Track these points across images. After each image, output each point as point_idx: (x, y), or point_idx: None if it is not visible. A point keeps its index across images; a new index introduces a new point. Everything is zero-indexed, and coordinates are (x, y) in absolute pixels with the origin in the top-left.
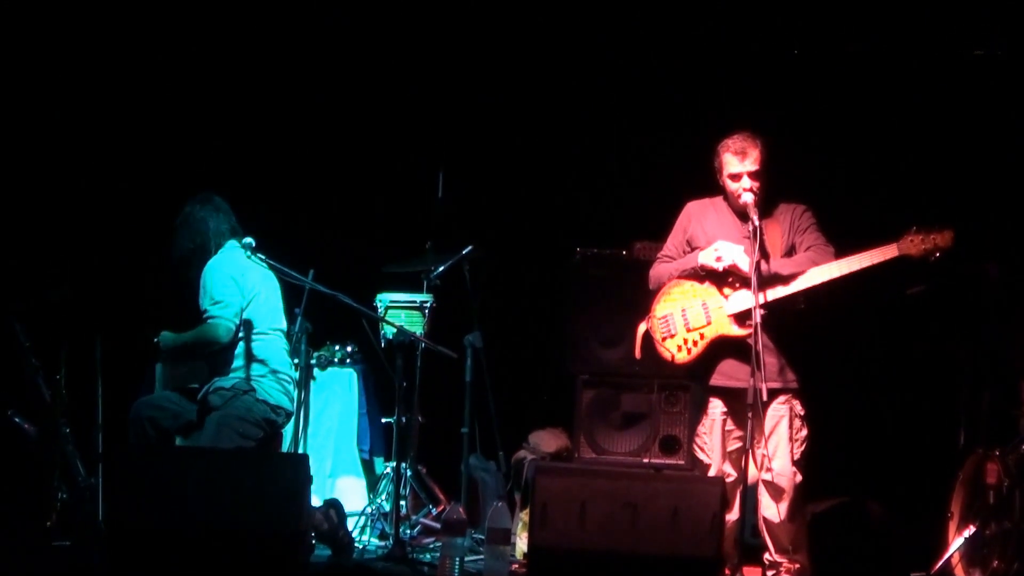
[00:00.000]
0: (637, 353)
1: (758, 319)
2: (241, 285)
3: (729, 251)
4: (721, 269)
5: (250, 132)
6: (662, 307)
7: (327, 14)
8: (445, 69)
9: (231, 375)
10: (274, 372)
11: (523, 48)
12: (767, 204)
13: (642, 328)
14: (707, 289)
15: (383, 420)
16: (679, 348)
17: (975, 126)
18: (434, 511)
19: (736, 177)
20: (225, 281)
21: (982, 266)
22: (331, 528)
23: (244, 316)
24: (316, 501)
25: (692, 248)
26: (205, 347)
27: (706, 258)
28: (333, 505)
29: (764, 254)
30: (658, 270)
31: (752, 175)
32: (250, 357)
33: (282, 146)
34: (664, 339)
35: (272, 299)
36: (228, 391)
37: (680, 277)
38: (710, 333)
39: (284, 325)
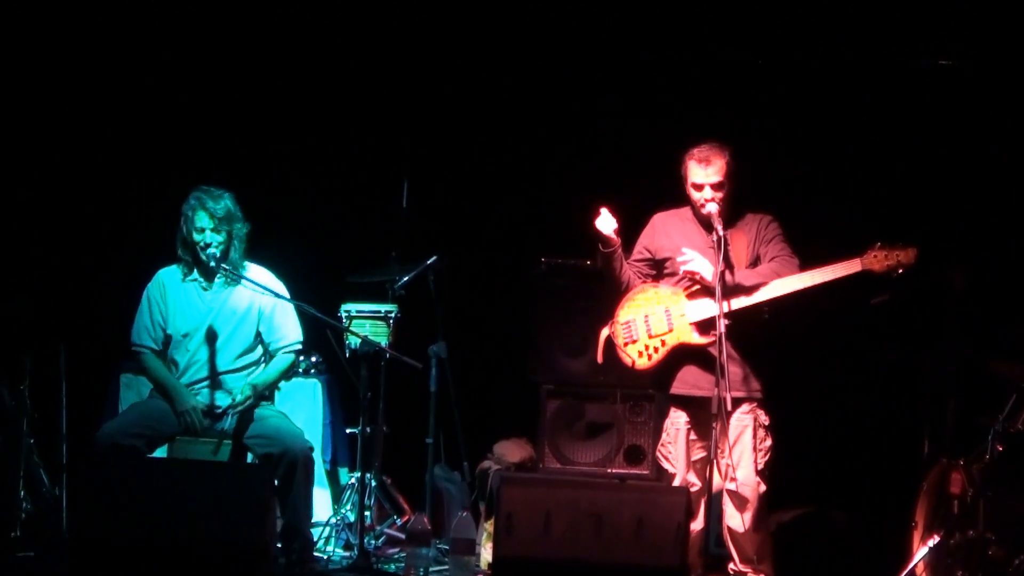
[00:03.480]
0: (599, 357)
1: (722, 329)
2: None
3: (697, 261)
4: (686, 283)
5: (212, 140)
6: (625, 312)
7: (292, 19)
8: (411, 77)
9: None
10: None
11: (490, 57)
12: (734, 214)
13: (605, 333)
14: (671, 296)
15: (348, 430)
16: (640, 354)
17: (942, 136)
18: (399, 521)
19: (699, 187)
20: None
21: (947, 275)
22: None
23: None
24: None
25: (656, 259)
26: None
27: (683, 267)
28: None
29: (728, 264)
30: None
31: (715, 185)
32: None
33: (245, 154)
34: (626, 344)
35: None
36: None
37: (638, 281)
38: (671, 340)
39: None
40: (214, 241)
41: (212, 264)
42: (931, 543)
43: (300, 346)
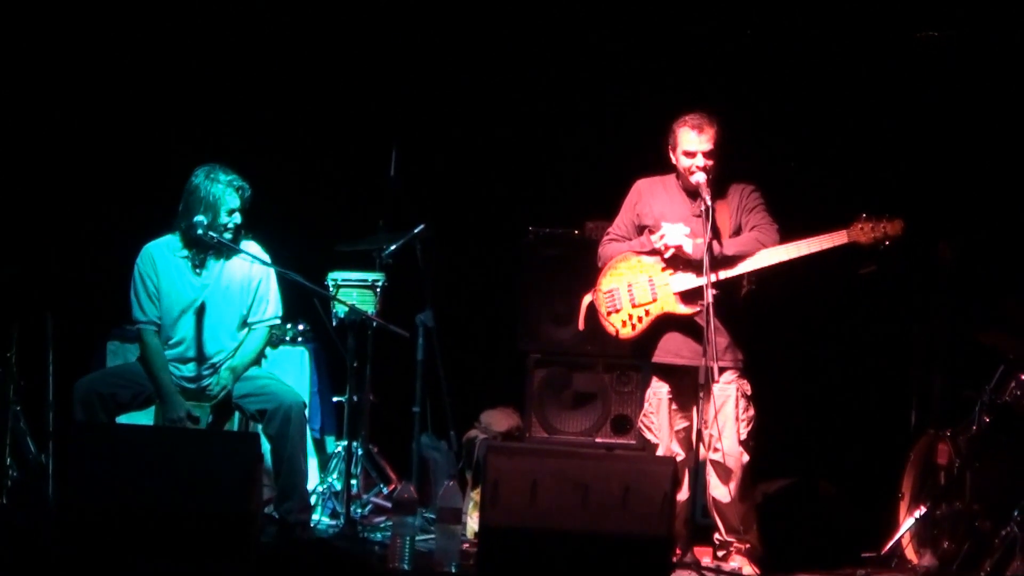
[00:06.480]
0: (580, 324)
1: (710, 299)
2: None
3: (673, 234)
4: (667, 256)
5: (195, 108)
6: (608, 281)
7: None
8: (398, 45)
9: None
10: None
11: (476, 26)
12: (718, 186)
13: (587, 300)
14: (654, 265)
15: (334, 399)
16: (623, 323)
17: (930, 108)
18: (385, 490)
19: (691, 154)
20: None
21: (934, 246)
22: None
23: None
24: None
25: (641, 226)
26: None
27: (657, 244)
28: None
29: (714, 234)
30: (607, 250)
31: (707, 154)
32: None
33: (232, 122)
34: (609, 313)
35: None
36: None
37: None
38: (655, 310)
39: None
40: (238, 221)
41: (227, 240)
42: (917, 514)
43: (278, 320)
